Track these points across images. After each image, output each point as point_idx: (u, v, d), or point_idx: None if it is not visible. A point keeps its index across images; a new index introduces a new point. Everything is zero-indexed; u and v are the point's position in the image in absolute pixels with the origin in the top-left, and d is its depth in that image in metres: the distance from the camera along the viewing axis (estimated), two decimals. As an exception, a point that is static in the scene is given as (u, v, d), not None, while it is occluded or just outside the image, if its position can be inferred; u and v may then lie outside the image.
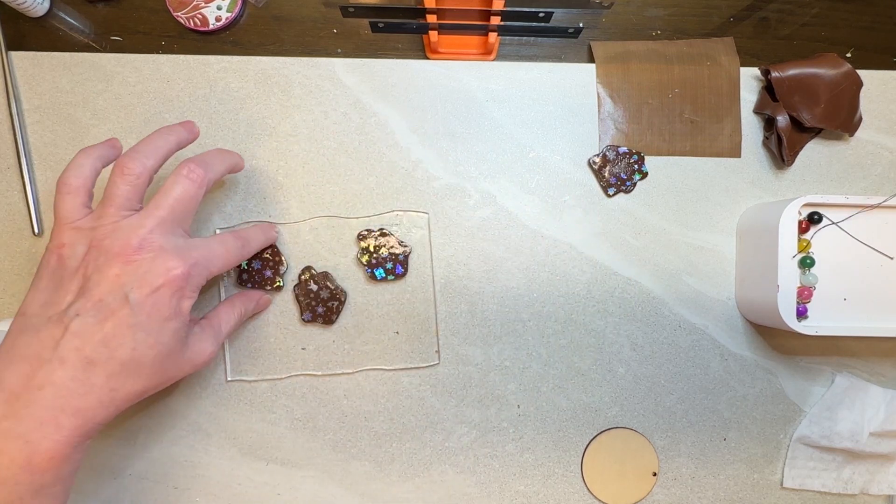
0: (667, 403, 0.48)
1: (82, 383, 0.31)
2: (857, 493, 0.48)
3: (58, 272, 0.33)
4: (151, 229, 0.33)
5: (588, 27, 0.50)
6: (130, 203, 0.35)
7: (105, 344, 0.31)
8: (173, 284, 0.33)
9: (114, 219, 0.34)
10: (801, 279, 0.43)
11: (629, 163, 0.47)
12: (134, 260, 0.32)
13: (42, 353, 0.31)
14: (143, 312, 0.32)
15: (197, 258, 0.34)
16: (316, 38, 0.49)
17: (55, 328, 0.31)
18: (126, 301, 0.32)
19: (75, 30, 0.48)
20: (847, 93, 0.47)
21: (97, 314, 0.31)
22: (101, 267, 0.32)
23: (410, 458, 0.47)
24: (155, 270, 0.32)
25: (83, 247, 0.33)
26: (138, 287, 0.32)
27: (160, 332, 0.33)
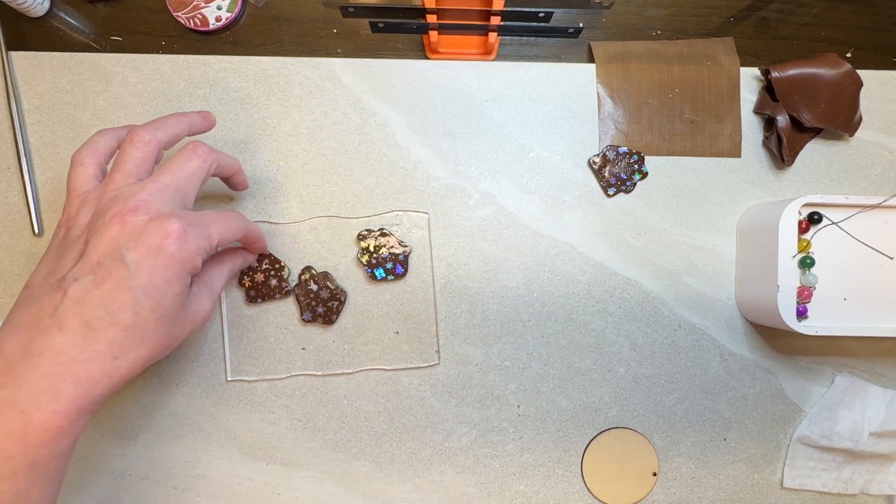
0: (667, 403, 0.48)
1: (83, 350, 0.30)
2: (857, 493, 0.48)
3: (63, 242, 0.33)
4: (151, 192, 0.33)
5: (588, 27, 0.50)
6: (138, 171, 0.34)
7: (104, 307, 0.30)
8: (171, 244, 0.31)
9: (119, 185, 0.33)
10: (801, 279, 0.43)
11: (629, 163, 0.47)
12: (130, 221, 0.31)
13: (41, 320, 0.30)
14: (142, 274, 0.31)
15: (194, 220, 0.33)
16: (316, 38, 0.49)
17: (54, 294, 0.30)
18: (123, 262, 0.30)
19: (75, 30, 0.48)
20: (847, 93, 0.47)
21: (95, 277, 0.30)
22: (99, 230, 0.31)
23: (410, 458, 0.47)
24: (151, 231, 0.31)
25: (88, 215, 0.33)
26: (135, 248, 0.31)
27: (161, 295, 0.32)
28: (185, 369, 0.46)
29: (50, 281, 0.31)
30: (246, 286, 0.46)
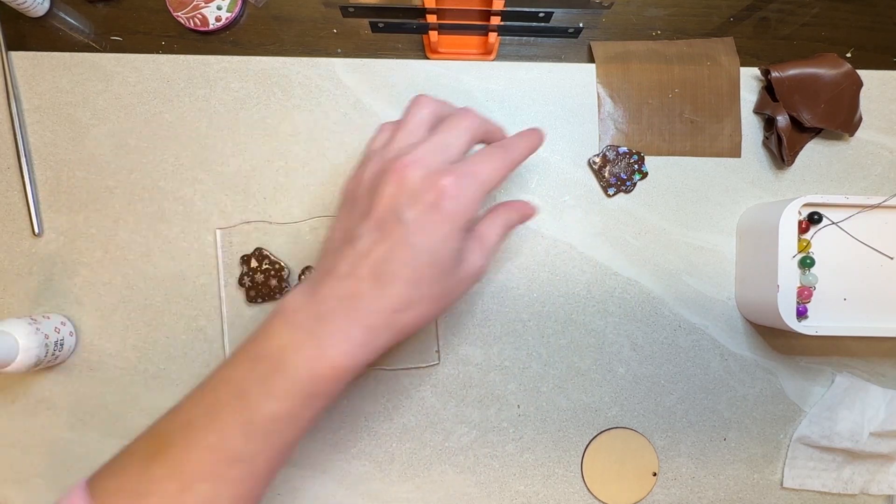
0: (667, 403, 0.48)
1: (372, 301, 0.32)
2: (857, 493, 0.48)
3: (353, 197, 0.35)
4: (425, 149, 0.34)
5: (588, 27, 0.50)
6: (418, 129, 0.36)
7: (388, 262, 0.32)
8: (446, 201, 0.32)
9: (399, 143, 0.35)
10: (801, 279, 0.43)
11: (629, 163, 0.47)
12: (406, 177, 0.32)
13: (339, 269, 0.32)
14: (420, 231, 0.32)
15: (464, 171, 0.33)
16: (316, 38, 0.49)
17: (348, 247, 0.33)
18: (402, 220, 0.32)
19: (75, 30, 0.48)
20: (847, 93, 0.47)
21: (381, 233, 0.32)
22: (381, 187, 0.33)
23: (410, 458, 0.47)
24: (426, 187, 0.32)
25: (374, 167, 0.34)
26: (413, 205, 0.32)
27: (438, 250, 0.33)
28: (185, 369, 0.46)
29: (345, 234, 0.34)
30: (246, 286, 0.46)
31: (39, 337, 0.41)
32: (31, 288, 0.46)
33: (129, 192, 0.46)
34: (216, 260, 0.46)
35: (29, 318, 0.42)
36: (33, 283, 0.46)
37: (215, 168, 0.47)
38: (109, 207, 0.46)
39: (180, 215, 0.47)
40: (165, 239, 0.46)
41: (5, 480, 0.46)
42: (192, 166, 0.47)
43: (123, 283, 0.46)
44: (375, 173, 0.34)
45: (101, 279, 0.46)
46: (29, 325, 0.41)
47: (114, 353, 0.46)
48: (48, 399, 0.46)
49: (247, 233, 0.47)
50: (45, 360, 0.42)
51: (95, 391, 0.46)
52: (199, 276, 0.46)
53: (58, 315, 0.45)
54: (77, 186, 0.46)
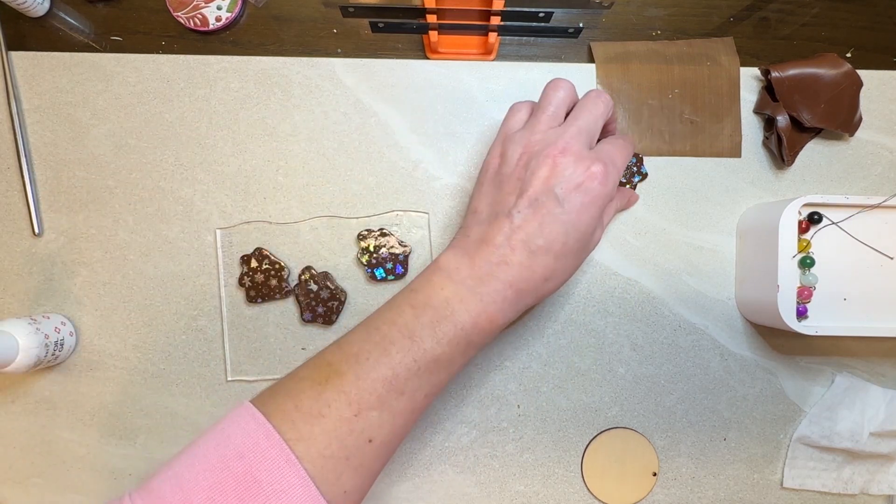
0: (667, 403, 0.48)
1: (526, 268, 0.36)
2: (857, 493, 0.48)
3: (497, 176, 0.38)
4: (571, 136, 0.37)
5: (588, 27, 0.50)
6: (556, 113, 0.39)
7: (543, 236, 0.36)
8: (593, 181, 0.36)
9: (543, 127, 0.38)
10: (801, 279, 0.43)
11: (628, 165, 0.47)
12: (560, 163, 0.36)
13: (496, 239, 0.36)
14: (572, 210, 0.36)
15: (606, 158, 0.37)
16: (316, 38, 0.49)
17: (504, 221, 0.36)
18: (556, 198, 0.36)
19: (75, 30, 0.48)
20: (847, 93, 0.47)
21: (534, 211, 0.36)
22: (534, 170, 0.36)
23: (410, 458, 0.47)
24: (577, 171, 0.36)
25: (518, 151, 0.38)
26: (565, 185, 0.36)
27: (585, 228, 0.37)
28: (185, 369, 0.46)
29: (496, 209, 0.37)
30: (246, 286, 0.46)
31: (39, 337, 0.41)
32: (31, 288, 0.46)
33: (129, 192, 0.46)
34: (216, 260, 0.46)
35: (29, 318, 0.42)
36: (33, 283, 0.46)
37: (215, 168, 0.47)
38: (109, 207, 0.46)
39: (180, 215, 0.47)
40: (165, 239, 0.46)
41: (5, 480, 0.46)
42: (192, 166, 0.47)
43: (123, 283, 0.46)
44: (522, 155, 0.37)
45: (101, 279, 0.46)
46: (29, 325, 0.41)
47: (114, 353, 0.46)
48: (48, 399, 0.46)
49: (247, 233, 0.47)
50: (45, 360, 0.42)
51: (95, 391, 0.46)
52: (199, 276, 0.46)
53: (58, 315, 0.45)
54: (77, 186, 0.46)
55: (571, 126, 0.38)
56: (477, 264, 0.36)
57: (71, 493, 0.46)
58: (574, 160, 0.36)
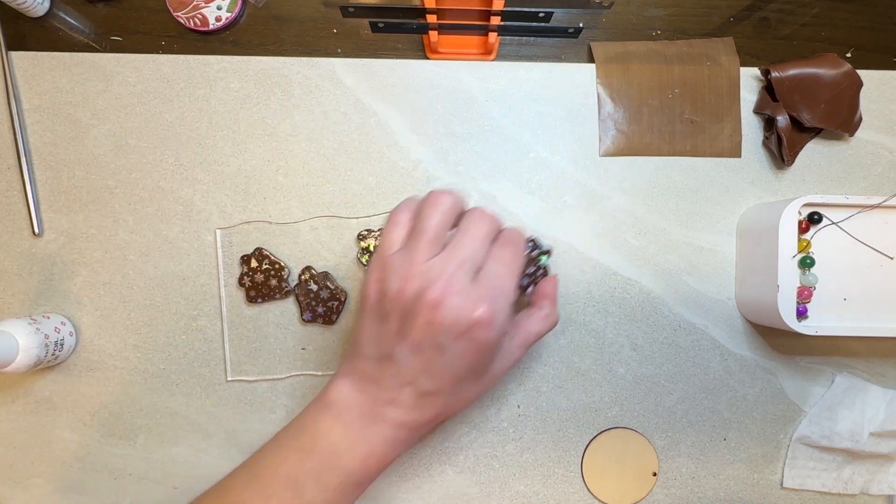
0: (667, 403, 0.48)
1: (417, 409, 0.35)
2: (857, 493, 0.48)
3: (377, 309, 0.36)
4: (454, 273, 0.34)
5: (588, 27, 0.50)
6: (439, 236, 0.35)
7: (431, 381, 0.35)
8: (477, 330, 0.34)
9: (424, 257, 0.35)
10: (801, 279, 0.43)
11: (528, 256, 0.42)
12: (439, 311, 0.33)
13: (384, 381, 0.35)
14: (460, 357, 0.34)
15: (494, 293, 0.35)
16: (316, 38, 0.49)
17: (389, 364, 0.35)
18: (441, 348, 0.34)
19: (75, 30, 0.48)
20: (847, 93, 0.47)
21: (419, 357, 0.34)
22: (414, 314, 0.34)
23: (410, 458, 0.47)
24: (460, 319, 0.33)
25: (396, 285, 0.34)
26: (451, 336, 0.34)
27: (479, 367, 0.36)
28: (185, 369, 0.46)
29: (381, 348, 0.35)
30: (246, 286, 0.46)
31: (39, 337, 0.41)
32: (31, 288, 0.46)
33: (129, 192, 0.46)
34: (216, 260, 0.46)
35: (29, 318, 0.42)
36: (33, 283, 0.46)
37: (215, 168, 0.47)
38: (109, 207, 0.46)
39: (180, 215, 0.47)
40: (165, 239, 0.46)
41: (5, 480, 0.46)
42: (192, 166, 0.47)
43: (123, 283, 0.46)
44: (401, 292, 0.34)
45: (101, 279, 0.46)
46: (29, 325, 0.41)
47: (114, 353, 0.46)
48: (48, 399, 0.46)
49: (247, 233, 0.47)
50: (45, 360, 0.42)
51: (95, 391, 0.46)
52: (199, 276, 0.46)
53: (58, 315, 0.45)
54: (77, 186, 0.46)
55: (452, 259, 0.34)
56: (366, 402, 0.35)
57: (71, 493, 0.46)
58: (457, 305, 0.33)
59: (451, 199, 0.36)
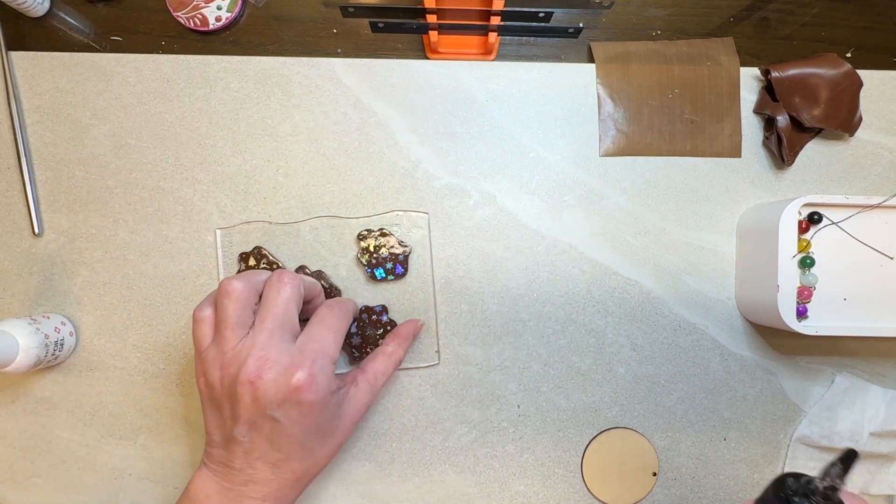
0: (667, 403, 0.48)
1: (274, 480, 0.37)
2: (856, 493, 0.48)
3: (211, 398, 0.37)
4: (264, 345, 0.35)
5: (588, 27, 0.50)
6: (241, 319, 0.37)
7: (277, 450, 0.36)
8: (305, 394, 0.35)
9: (232, 342, 0.36)
10: (801, 279, 0.43)
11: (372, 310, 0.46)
12: (259, 386, 0.35)
13: (235, 463, 0.36)
14: (293, 423, 0.35)
15: (313, 355, 0.36)
16: (316, 38, 0.49)
17: (235, 446, 0.36)
18: (273, 419, 0.35)
19: (75, 30, 0.48)
20: (847, 93, 0.47)
21: (257, 432, 0.36)
22: (238, 396, 0.35)
23: (410, 458, 0.47)
24: (284, 387, 0.35)
25: (216, 375, 0.36)
26: (276, 406, 0.35)
27: (317, 426, 0.37)
28: (185, 369, 0.46)
29: (224, 433, 0.37)
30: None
31: (39, 337, 0.41)
32: (31, 288, 0.46)
33: (129, 192, 0.46)
34: (216, 260, 0.46)
35: (29, 318, 0.42)
36: (33, 283, 0.46)
37: (215, 168, 0.47)
38: (109, 207, 0.46)
39: (180, 215, 0.47)
40: (165, 239, 0.46)
41: (5, 480, 0.46)
42: (192, 166, 0.47)
43: (123, 283, 0.46)
44: (222, 378, 0.36)
45: (101, 279, 0.46)
46: (29, 325, 0.41)
47: (114, 353, 0.46)
48: (48, 399, 0.46)
49: (247, 233, 0.47)
50: (45, 360, 0.42)
51: (95, 391, 0.46)
52: (199, 276, 0.46)
53: (58, 315, 0.45)
54: (77, 186, 0.46)
55: (261, 332, 0.36)
56: (226, 489, 0.36)
57: (71, 493, 0.46)
58: (274, 376, 0.34)
59: (241, 284, 0.37)
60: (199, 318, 0.38)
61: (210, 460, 0.38)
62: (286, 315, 0.37)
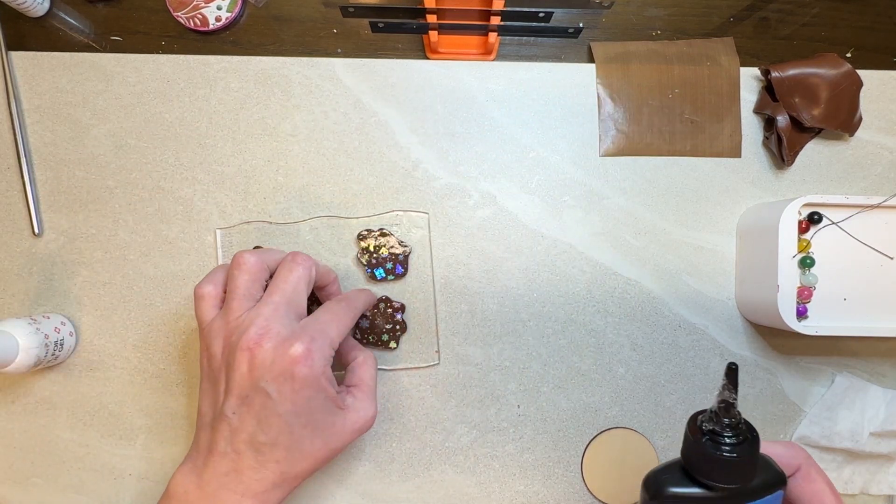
0: (667, 403, 0.48)
1: (257, 470, 0.35)
2: (857, 492, 0.48)
3: (210, 372, 0.37)
4: (268, 317, 0.35)
5: (588, 27, 0.50)
6: (250, 293, 0.37)
7: (264, 433, 0.34)
8: (296, 365, 0.34)
9: (237, 313, 0.36)
10: (801, 279, 0.43)
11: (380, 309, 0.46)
12: (258, 353, 0.34)
13: (219, 445, 0.35)
14: (285, 400, 0.34)
15: (313, 333, 0.36)
16: (316, 38, 0.49)
17: (221, 424, 0.35)
18: (265, 393, 0.34)
19: (75, 30, 0.48)
20: (847, 93, 0.47)
21: (248, 408, 0.34)
22: (234, 364, 0.35)
23: (410, 458, 0.47)
24: (277, 358, 0.34)
25: (219, 344, 0.36)
26: (271, 378, 0.34)
27: (309, 411, 0.35)
28: (185, 369, 0.46)
29: (215, 409, 0.36)
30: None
31: (39, 337, 0.41)
32: (31, 288, 0.46)
33: (129, 192, 0.46)
34: (216, 260, 0.46)
35: (29, 318, 0.42)
36: (33, 283, 0.46)
37: (215, 168, 0.47)
38: (109, 207, 0.46)
39: (180, 215, 0.47)
40: (165, 239, 0.46)
41: (5, 480, 0.46)
42: (192, 166, 0.47)
43: (123, 283, 0.46)
44: (224, 348, 0.36)
45: (101, 279, 0.46)
46: (29, 325, 0.41)
47: (114, 353, 0.46)
48: (48, 399, 0.46)
49: (247, 233, 0.47)
50: (45, 360, 0.42)
51: (95, 391, 0.46)
52: (199, 276, 0.46)
53: (58, 315, 0.45)
54: (77, 186, 0.46)
55: (267, 305, 0.36)
56: (206, 482, 0.34)
57: (71, 493, 0.46)
58: (273, 346, 0.34)
59: (255, 258, 0.37)
60: (201, 295, 0.38)
61: (195, 450, 0.36)
62: (294, 293, 0.37)
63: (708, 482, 0.27)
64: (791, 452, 0.30)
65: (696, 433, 0.28)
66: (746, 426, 0.28)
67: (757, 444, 0.27)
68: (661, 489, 0.28)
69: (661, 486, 0.28)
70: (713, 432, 0.27)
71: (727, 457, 0.26)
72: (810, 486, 0.30)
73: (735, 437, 0.27)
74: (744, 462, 0.27)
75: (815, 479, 0.30)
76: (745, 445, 0.27)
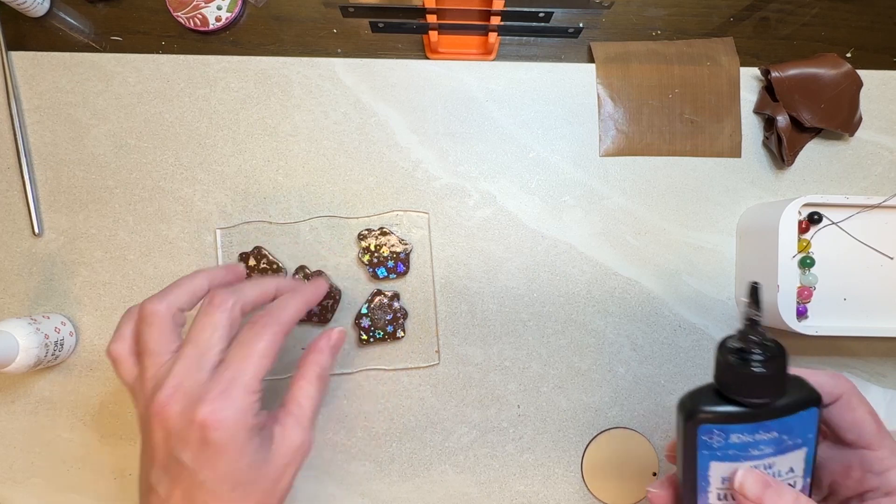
0: (667, 403, 0.48)
1: None
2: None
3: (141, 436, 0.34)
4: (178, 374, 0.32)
5: (588, 27, 0.50)
6: (161, 346, 0.34)
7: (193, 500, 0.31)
8: (212, 433, 0.31)
9: (150, 371, 0.33)
10: (801, 279, 0.43)
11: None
12: (168, 419, 0.31)
13: None
14: (203, 468, 0.31)
15: (224, 385, 0.32)
16: (316, 38, 0.49)
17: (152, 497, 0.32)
18: (182, 464, 0.31)
19: (75, 30, 0.48)
20: (847, 93, 0.47)
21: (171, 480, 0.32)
22: (151, 431, 0.32)
23: (410, 458, 0.47)
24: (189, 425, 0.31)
25: (140, 406, 0.34)
26: (185, 447, 0.31)
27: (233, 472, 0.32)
28: (185, 369, 0.46)
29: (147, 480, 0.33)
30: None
31: (39, 337, 0.41)
32: (31, 288, 0.46)
33: (129, 192, 0.46)
34: (216, 260, 0.46)
35: (29, 318, 0.42)
36: (33, 283, 0.46)
37: (215, 168, 0.47)
38: (109, 207, 0.46)
39: (180, 215, 0.47)
40: (165, 239, 0.46)
41: (5, 480, 0.46)
42: (192, 166, 0.47)
43: (123, 283, 0.46)
44: (143, 412, 0.33)
45: (101, 279, 0.46)
46: (29, 325, 0.41)
47: (114, 353, 0.46)
48: (48, 399, 0.46)
49: (247, 233, 0.47)
50: (45, 360, 0.42)
51: (95, 391, 0.46)
52: (199, 276, 0.46)
53: (58, 315, 0.45)
54: (77, 186, 0.46)
55: (179, 360, 0.32)
56: None
57: (71, 493, 0.46)
58: (180, 410, 0.31)
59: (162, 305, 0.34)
60: (114, 358, 0.35)
61: None
62: (210, 342, 0.33)
63: (739, 398, 0.28)
64: (833, 381, 0.31)
65: (724, 352, 0.28)
66: (774, 342, 0.28)
67: (784, 359, 0.28)
68: (695, 408, 0.28)
69: (695, 404, 0.28)
70: (741, 350, 0.28)
71: (756, 371, 0.27)
72: (851, 413, 0.30)
73: (762, 353, 0.27)
74: (772, 377, 0.27)
75: (857, 407, 0.30)
76: (772, 360, 0.27)
